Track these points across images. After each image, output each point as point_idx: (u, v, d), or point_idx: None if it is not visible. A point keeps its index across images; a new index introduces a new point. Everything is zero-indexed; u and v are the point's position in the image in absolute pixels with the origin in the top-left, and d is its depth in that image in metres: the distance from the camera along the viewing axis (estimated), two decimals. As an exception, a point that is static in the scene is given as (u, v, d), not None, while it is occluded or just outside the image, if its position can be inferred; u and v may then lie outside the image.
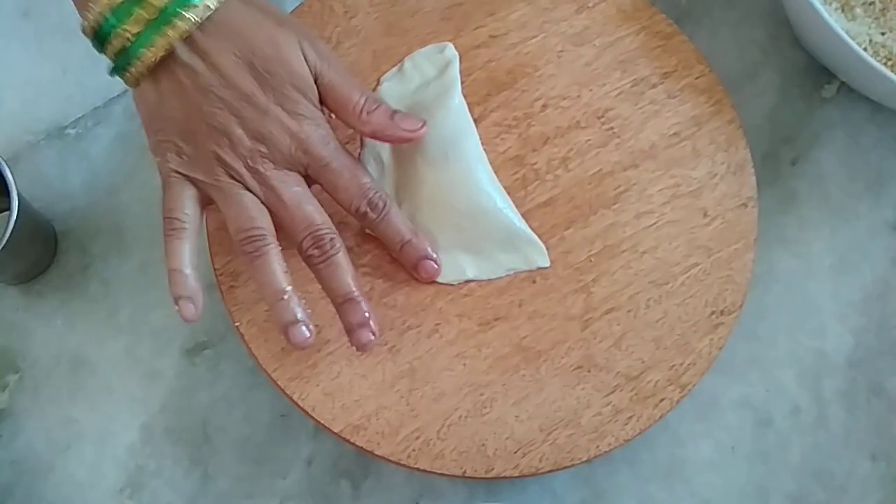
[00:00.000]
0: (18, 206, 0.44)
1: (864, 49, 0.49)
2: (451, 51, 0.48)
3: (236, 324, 0.44)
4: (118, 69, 0.40)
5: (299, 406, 0.43)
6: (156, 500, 0.46)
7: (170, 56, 0.38)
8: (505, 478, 0.42)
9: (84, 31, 0.39)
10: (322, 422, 0.43)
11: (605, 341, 0.45)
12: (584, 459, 0.43)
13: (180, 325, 0.48)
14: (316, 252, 0.41)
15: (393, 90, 0.48)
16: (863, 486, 0.47)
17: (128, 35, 0.38)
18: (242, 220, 0.40)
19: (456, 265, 0.45)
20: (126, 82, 0.40)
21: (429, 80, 0.48)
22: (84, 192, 0.51)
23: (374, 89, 0.48)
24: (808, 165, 0.53)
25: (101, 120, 0.52)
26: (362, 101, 0.42)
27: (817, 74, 0.54)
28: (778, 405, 0.48)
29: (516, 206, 0.46)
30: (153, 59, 0.38)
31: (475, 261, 0.45)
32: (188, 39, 0.38)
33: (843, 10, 0.50)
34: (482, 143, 0.46)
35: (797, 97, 0.54)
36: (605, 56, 0.49)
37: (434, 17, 0.49)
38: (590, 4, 0.50)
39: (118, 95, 0.52)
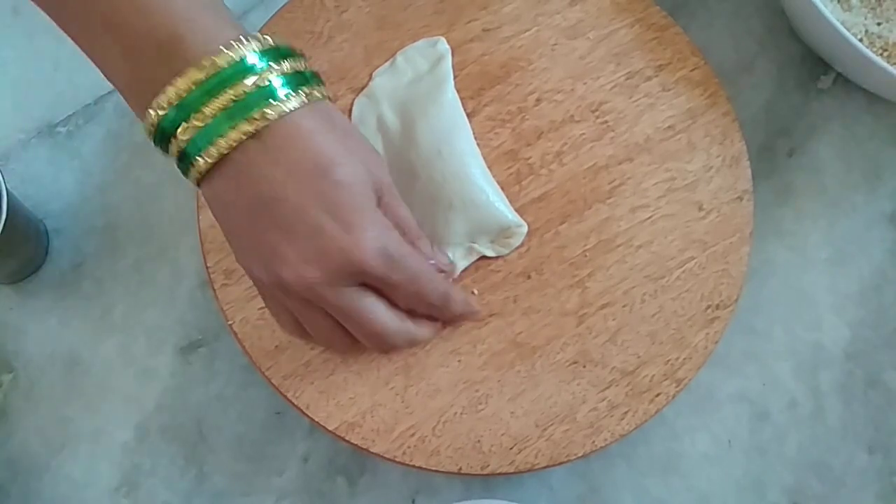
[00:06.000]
0: (9, 205, 0.43)
1: (860, 40, 0.49)
2: (443, 45, 0.48)
3: (229, 322, 0.44)
4: (183, 162, 0.35)
5: (294, 404, 0.43)
6: (152, 499, 0.46)
7: (237, 152, 0.34)
8: (500, 474, 0.42)
9: (146, 130, 0.35)
10: (316, 420, 0.42)
11: (601, 336, 0.44)
12: (580, 455, 0.43)
13: (174, 324, 0.48)
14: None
15: (385, 85, 0.47)
16: (860, 479, 0.47)
17: (197, 124, 0.34)
18: (321, 343, 0.39)
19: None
20: (189, 177, 0.36)
21: (421, 75, 0.47)
22: (76, 190, 0.50)
23: (366, 84, 0.48)
24: (804, 157, 0.52)
25: (92, 117, 0.51)
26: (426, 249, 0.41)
27: (813, 65, 0.54)
28: (775, 398, 0.48)
29: (510, 201, 0.46)
30: (218, 154, 0.34)
31: (467, 256, 0.45)
32: (256, 137, 0.34)
33: (839, 1, 0.50)
34: (475, 138, 0.46)
35: (793, 88, 0.53)
36: (599, 49, 0.49)
37: (426, 11, 0.49)
38: (583, -3, 0.50)
39: (109, 93, 0.52)
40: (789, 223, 0.51)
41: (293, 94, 0.35)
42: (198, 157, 0.34)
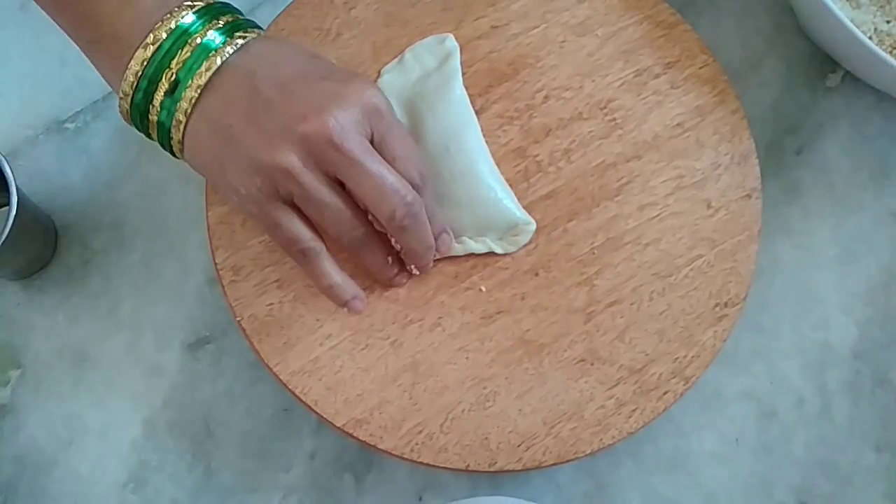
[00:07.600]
0: (18, 202, 0.43)
1: (870, 37, 0.49)
2: (451, 42, 0.48)
3: (238, 319, 0.44)
4: (162, 134, 0.40)
5: (302, 400, 0.43)
6: (159, 495, 0.46)
7: (198, 107, 0.39)
8: (508, 471, 0.42)
9: (123, 116, 0.41)
10: (324, 416, 0.43)
11: (609, 334, 0.44)
12: (588, 453, 0.43)
13: (182, 320, 0.48)
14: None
15: (393, 82, 0.47)
16: (867, 478, 0.47)
17: (160, 97, 0.39)
18: (290, 240, 0.41)
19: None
20: (174, 145, 0.40)
21: (429, 72, 0.47)
22: (84, 186, 0.50)
23: (374, 81, 0.48)
24: (812, 155, 0.52)
25: (99, 114, 0.51)
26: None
27: (822, 63, 0.54)
28: (782, 397, 0.48)
29: (518, 199, 0.46)
30: (184, 117, 0.39)
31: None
32: (209, 88, 0.38)
33: (847, -2, 0.50)
34: (484, 135, 0.46)
35: (801, 87, 0.53)
36: (607, 46, 0.49)
37: (435, 8, 0.49)
38: (592, -6, 0.50)
39: (117, 89, 0.52)
40: (797, 221, 0.51)
41: (228, 41, 0.39)
42: (171, 128, 0.39)
